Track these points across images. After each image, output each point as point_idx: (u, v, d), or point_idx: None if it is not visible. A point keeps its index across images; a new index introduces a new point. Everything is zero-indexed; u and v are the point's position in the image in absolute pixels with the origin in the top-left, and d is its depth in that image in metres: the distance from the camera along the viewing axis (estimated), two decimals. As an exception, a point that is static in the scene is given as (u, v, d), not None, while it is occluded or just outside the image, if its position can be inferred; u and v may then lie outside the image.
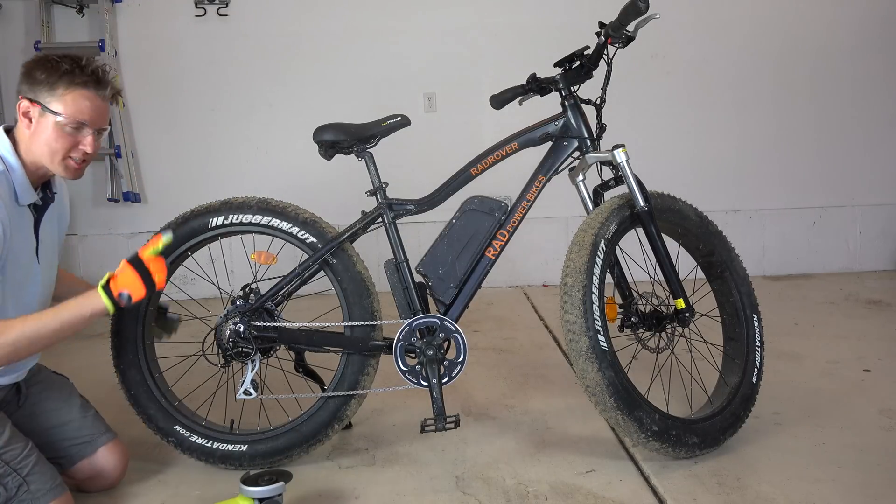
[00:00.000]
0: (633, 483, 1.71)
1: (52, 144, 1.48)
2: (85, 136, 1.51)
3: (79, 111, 1.49)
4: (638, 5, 1.74)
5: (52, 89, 1.47)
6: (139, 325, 1.84)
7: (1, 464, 1.46)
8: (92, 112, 1.51)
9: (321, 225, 1.87)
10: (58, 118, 1.47)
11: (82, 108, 1.49)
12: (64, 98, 1.48)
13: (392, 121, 1.87)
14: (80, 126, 1.50)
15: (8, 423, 1.52)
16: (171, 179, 4.10)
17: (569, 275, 1.76)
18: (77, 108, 1.48)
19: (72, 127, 1.49)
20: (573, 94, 1.94)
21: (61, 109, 1.48)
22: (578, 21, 3.00)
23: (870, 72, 4.25)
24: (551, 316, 3.39)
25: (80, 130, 1.50)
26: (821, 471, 1.73)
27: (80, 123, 1.50)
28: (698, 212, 2.02)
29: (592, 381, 1.69)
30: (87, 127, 1.51)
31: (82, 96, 1.49)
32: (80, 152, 1.52)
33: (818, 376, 2.44)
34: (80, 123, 1.49)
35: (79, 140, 1.51)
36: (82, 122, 1.50)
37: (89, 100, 1.50)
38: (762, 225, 4.32)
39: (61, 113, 1.48)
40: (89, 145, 1.52)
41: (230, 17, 4.06)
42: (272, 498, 1.51)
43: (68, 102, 1.48)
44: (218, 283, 2.12)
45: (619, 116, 3.11)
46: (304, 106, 4.09)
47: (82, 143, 1.51)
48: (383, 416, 2.18)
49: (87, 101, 1.50)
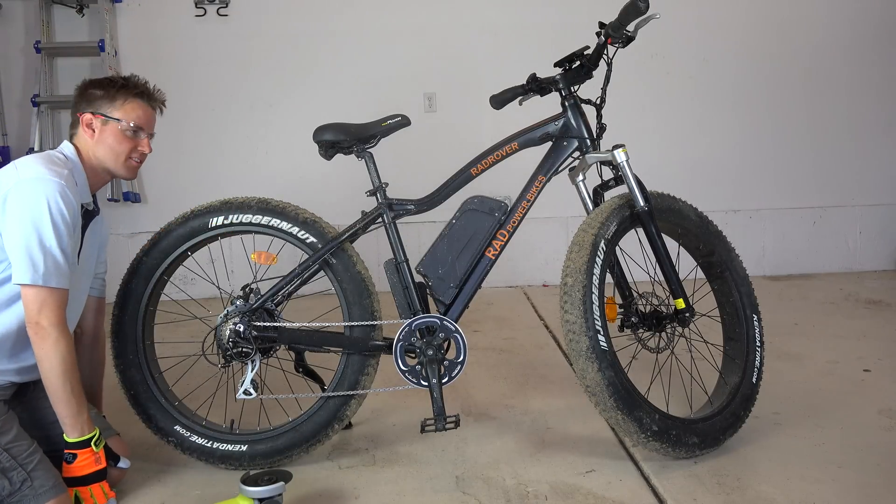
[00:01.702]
0: (633, 483, 1.71)
1: (115, 148, 1.71)
2: (142, 138, 1.75)
3: (136, 117, 1.73)
4: (638, 5, 1.74)
5: (111, 101, 1.71)
6: (139, 325, 1.84)
7: (7, 458, 1.52)
8: (146, 118, 1.76)
9: (321, 225, 1.87)
10: (120, 124, 1.70)
11: (139, 114, 1.73)
12: (123, 107, 1.72)
13: (392, 121, 1.87)
14: (138, 130, 1.73)
15: (16, 421, 1.60)
16: (171, 179, 4.10)
17: (569, 275, 1.76)
18: (135, 115, 1.72)
19: (132, 131, 1.72)
20: (573, 94, 1.94)
21: (122, 116, 1.71)
22: (578, 21, 3.01)
23: (870, 72, 4.26)
24: (551, 316, 3.39)
25: (137, 134, 1.74)
26: (821, 471, 1.73)
27: (138, 127, 1.73)
28: (698, 212, 2.02)
29: (592, 381, 1.69)
30: (143, 131, 1.74)
31: (137, 105, 1.74)
32: (138, 153, 1.75)
33: (818, 376, 2.44)
34: (138, 127, 1.73)
35: (137, 143, 1.74)
36: (140, 127, 1.73)
37: (142, 108, 1.75)
38: (762, 225, 4.32)
39: (122, 119, 1.71)
40: (146, 146, 1.76)
41: (230, 17, 4.06)
42: (272, 498, 1.51)
43: (127, 111, 1.72)
44: (218, 283, 2.12)
45: (620, 116, 3.12)
46: (304, 106, 4.09)
47: (140, 144, 1.75)
48: (383, 416, 2.18)
49: (140, 110, 1.74)
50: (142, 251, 1.86)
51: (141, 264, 1.85)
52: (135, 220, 4.11)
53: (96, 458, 1.60)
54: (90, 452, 1.59)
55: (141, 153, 1.76)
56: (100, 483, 1.60)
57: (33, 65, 3.96)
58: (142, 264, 1.85)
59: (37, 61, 3.93)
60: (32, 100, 3.90)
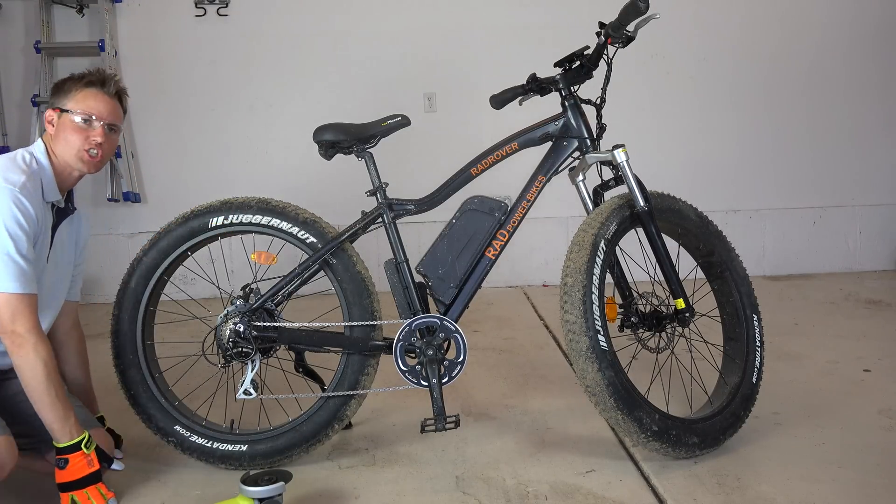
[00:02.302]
0: (633, 483, 1.71)
1: (69, 139, 1.67)
2: (95, 128, 1.69)
3: (87, 106, 1.68)
4: (638, 5, 1.74)
5: (66, 94, 1.69)
6: (139, 325, 1.84)
7: None
8: (100, 106, 1.70)
9: (321, 225, 1.87)
10: (71, 115, 1.67)
11: (90, 104, 1.69)
12: (75, 97, 1.69)
13: (392, 121, 1.87)
14: (89, 118, 1.68)
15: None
16: (171, 179, 4.10)
17: (569, 275, 1.76)
18: (86, 105, 1.68)
19: (82, 119, 1.67)
20: (573, 94, 1.94)
21: (72, 107, 1.68)
22: (578, 21, 3.00)
23: (870, 72, 4.26)
24: (551, 316, 3.39)
25: (90, 124, 1.68)
26: (821, 471, 1.73)
27: (89, 115, 1.68)
28: (698, 212, 2.02)
29: (592, 381, 1.69)
30: (95, 120, 1.69)
31: (89, 94, 1.69)
32: (90, 143, 1.68)
33: (818, 376, 2.44)
34: (88, 115, 1.68)
35: (90, 133, 1.68)
36: (90, 115, 1.68)
37: (95, 97, 1.70)
38: (762, 225, 4.32)
39: (71, 109, 1.67)
40: (99, 135, 1.69)
41: (230, 17, 4.06)
42: (272, 498, 1.51)
43: (78, 100, 1.68)
44: (218, 283, 2.12)
45: (620, 116, 3.12)
46: (303, 106, 4.09)
47: (92, 135, 1.68)
48: (383, 416, 2.18)
49: (92, 99, 1.69)
50: (142, 251, 1.86)
51: (141, 264, 1.85)
52: (135, 220, 4.11)
53: (88, 460, 1.59)
54: (81, 455, 1.58)
55: (94, 143, 1.68)
56: (96, 485, 1.60)
57: (33, 65, 3.97)
58: (142, 264, 1.85)
59: (37, 61, 3.93)
60: (32, 100, 3.90)
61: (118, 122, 1.75)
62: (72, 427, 1.58)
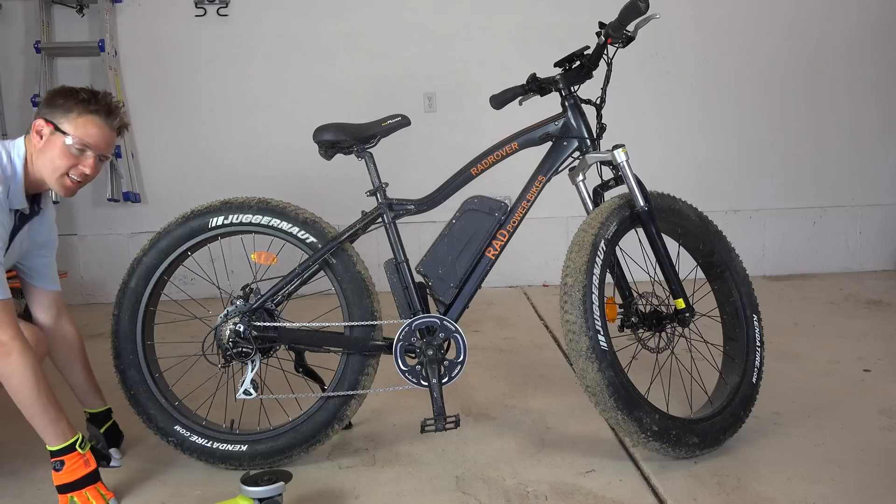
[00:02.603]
0: (633, 483, 1.71)
1: (55, 161, 1.61)
2: (87, 158, 1.64)
3: (87, 135, 1.62)
4: (638, 5, 1.74)
5: (66, 113, 1.62)
6: (139, 325, 1.84)
7: None
8: (98, 138, 1.64)
9: (321, 225, 1.87)
10: (66, 139, 1.61)
11: (91, 132, 1.63)
12: (76, 122, 1.62)
13: (392, 121, 1.87)
14: (85, 148, 1.63)
15: None
16: (171, 179, 4.10)
17: (569, 275, 1.76)
18: (86, 132, 1.62)
19: (77, 148, 1.62)
20: (573, 94, 1.94)
21: (71, 131, 1.61)
22: (578, 21, 3.01)
23: (870, 71, 4.26)
24: (551, 316, 3.39)
25: (83, 153, 1.63)
26: (821, 471, 1.73)
27: (86, 146, 1.63)
28: (698, 212, 2.02)
29: (592, 381, 1.69)
30: (90, 150, 1.64)
31: (92, 122, 1.63)
32: (78, 172, 1.64)
33: (818, 376, 2.44)
34: (85, 146, 1.63)
35: (80, 161, 1.64)
36: (87, 145, 1.63)
37: (98, 127, 1.64)
38: (762, 225, 4.32)
39: (70, 134, 1.61)
40: (89, 167, 1.65)
41: (230, 17, 4.06)
42: (272, 498, 1.51)
43: (79, 126, 1.62)
44: (218, 283, 2.12)
45: (620, 116, 3.12)
46: (303, 106, 4.09)
47: (83, 164, 1.64)
48: (383, 416, 2.18)
49: (95, 128, 1.64)
50: (142, 251, 1.86)
51: (141, 264, 1.85)
52: (135, 220, 4.11)
53: (85, 460, 1.59)
54: (77, 456, 1.58)
55: (82, 173, 1.64)
56: (94, 485, 1.60)
57: (33, 65, 3.97)
58: (142, 264, 1.85)
59: (37, 61, 3.93)
60: (32, 100, 3.90)
61: (110, 152, 1.70)
62: (65, 429, 1.57)
